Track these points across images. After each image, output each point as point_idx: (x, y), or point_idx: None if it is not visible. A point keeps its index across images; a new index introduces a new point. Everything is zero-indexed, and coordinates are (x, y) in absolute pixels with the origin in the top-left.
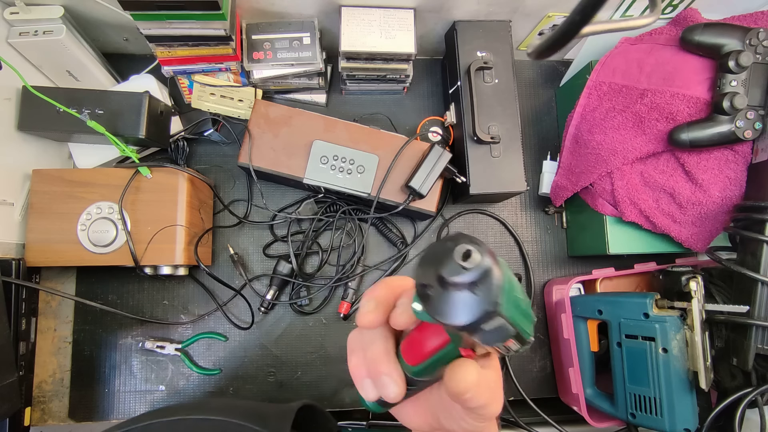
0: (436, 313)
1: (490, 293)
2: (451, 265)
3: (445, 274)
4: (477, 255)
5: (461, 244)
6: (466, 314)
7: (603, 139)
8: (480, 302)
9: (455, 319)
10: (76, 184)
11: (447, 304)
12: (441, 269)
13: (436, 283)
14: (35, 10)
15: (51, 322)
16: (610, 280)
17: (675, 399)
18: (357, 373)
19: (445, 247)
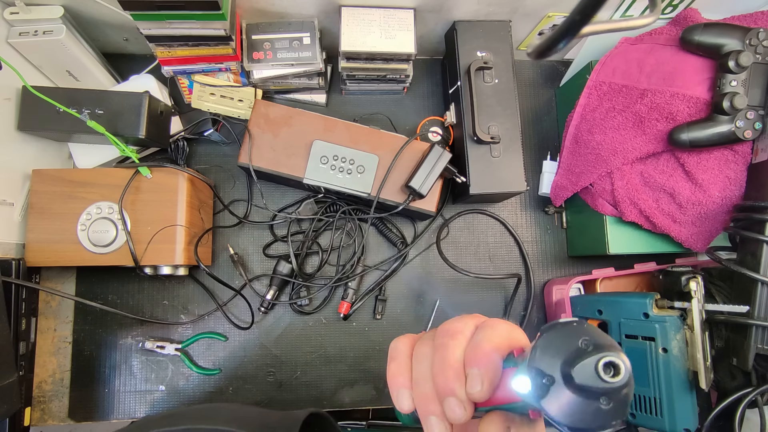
0: (552, 410)
1: (621, 410)
2: (588, 371)
3: (578, 377)
4: (624, 372)
5: (607, 355)
6: (585, 422)
7: (603, 139)
8: (606, 416)
9: (570, 422)
10: (76, 184)
11: (568, 406)
12: (572, 368)
13: (561, 378)
14: (35, 10)
15: (51, 322)
16: (610, 280)
17: (675, 399)
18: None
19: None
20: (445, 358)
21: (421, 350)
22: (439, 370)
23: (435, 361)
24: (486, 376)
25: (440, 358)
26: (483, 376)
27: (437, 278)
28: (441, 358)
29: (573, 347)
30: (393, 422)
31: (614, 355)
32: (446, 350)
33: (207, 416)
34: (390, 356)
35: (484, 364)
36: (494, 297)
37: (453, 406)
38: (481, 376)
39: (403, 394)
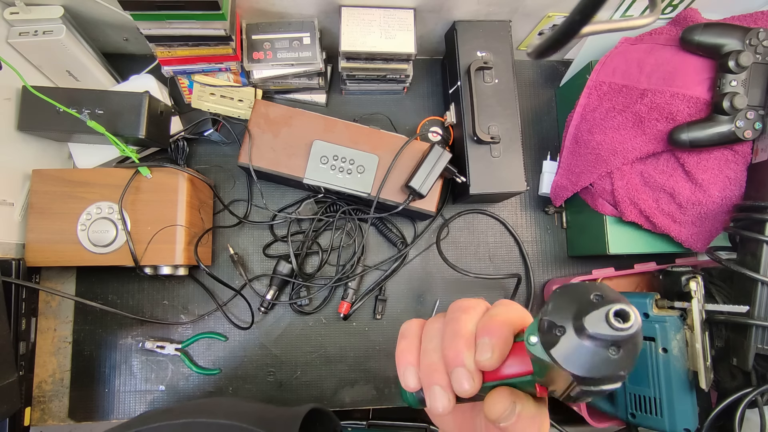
0: (562, 358)
1: (630, 360)
2: (599, 319)
3: (589, 325)
4: (633, 320)
5: (619, 304)
6: (595, 371)
7: (603, 139)
8: (616, 365)
9: (580, 371)
10: (76, 184)
11: (577, 354)
12: (584, 317)
13: (572, 328)
14: (35, 10)
15: (51, 322)
16: (610, 280)
17: (675, 399)
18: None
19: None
20: (456, 330)
21: (432, 326)
22: (450, 342)
23: (446, 333)
24: (497, 345)
25: (451, 330)
26: (494, 345)
27: (437, 278)
28: (452, 330)
29: (585, 300)
30: (393, 422)
31: (624, 305)
32: (458, 323)
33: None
34: (400, 335)
35: (495, 334)
36: (494, 297)
37: (461, 377)
38: (492, 344)
39: (410, 371)
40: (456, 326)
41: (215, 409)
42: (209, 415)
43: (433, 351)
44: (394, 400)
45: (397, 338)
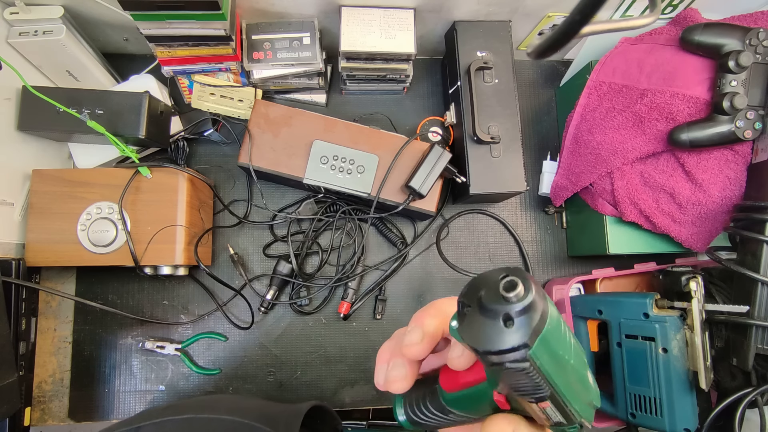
0: (464, 333)
1: (522, 331)
2: (492, 291)
3: (484, 298)
4: (521, 290)
5: (510, 276)
6: (490, 342)
7: (603, 139)
8: (507, 335)
9: (478, 343)
10: (76, 184)
11: (476, 327)
12: (482, 292)
13: (475, 304)
14: (35, 10)
15: (51, 322)
16: (610, 280)
17: (675, 399)
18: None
19: (496, 274)
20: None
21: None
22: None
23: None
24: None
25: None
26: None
27: (437, 278)
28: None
29: (492, 278)
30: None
31: (515, 276)
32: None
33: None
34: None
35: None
36: None
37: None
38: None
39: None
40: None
41: (217, 405)
42: (212, 411)
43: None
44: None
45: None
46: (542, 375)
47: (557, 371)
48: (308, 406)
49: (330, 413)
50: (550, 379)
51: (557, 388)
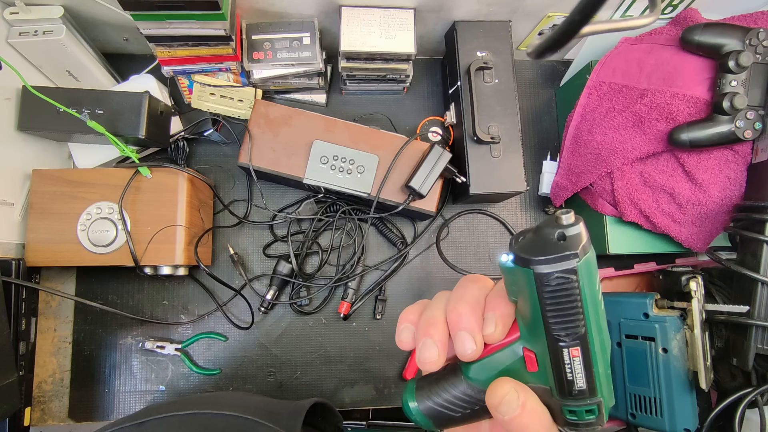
0: (520, 250)
1: (573, 245)
2: (549, 219)
3: (542, 224)
4: (573, 216)
5: (567, 208)
6: (546, 250)
7: (603, 139)
8: (561, 247)
9: (534, 253)
10: (76, 184)
11: (532, 243)
12: (539, 224)
13: (530, 231)
14: (35, 10)
15: (51, 322)
16: (610, 280)
17: (675, 399)
18: (404, 317)
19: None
20: (461, 295)
21: (439, 293)
22: (455, 305)
23: (452, 297)
24: (500, 318)
25: (457, 295)
26: (497, 318)
27: (437, 278)
28: (458, 295)
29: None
30: (393, 422)
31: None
32: (465, 289)
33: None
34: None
35: (499, 308)
36: None
37: (464, 338)
38: (495, 318)
39: (407, 329)
40: (462, 292)
41: (221, 402)
42: (215, 407)
43: (435, 309)
44: (394, 400)
45: None
46: (581, 300)
47: (593, 306)
48: (310, 402)
49: (332, 410)
50: (587, 310)
51: (590, 328)
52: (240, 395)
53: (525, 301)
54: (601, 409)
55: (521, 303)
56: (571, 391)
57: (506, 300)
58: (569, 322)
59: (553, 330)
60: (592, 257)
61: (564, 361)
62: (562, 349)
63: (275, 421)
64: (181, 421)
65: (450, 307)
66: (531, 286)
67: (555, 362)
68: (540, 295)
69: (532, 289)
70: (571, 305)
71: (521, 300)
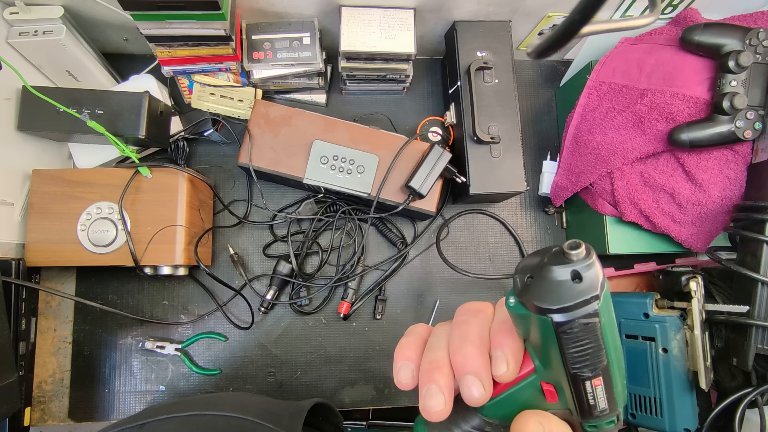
0: (533, 297)
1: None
2: (556, 255)
3: (549, 261)
4: (584, 249)
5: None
6: (563, 298)
7: (603, 139)
8: (579, 290)
9: (551, 302)
10: (76, 184)
11: (545, 289)
12: (545, 258)
13: (538, 272)
14: (35, 10)
15: (51, 322)
16: (609, 280)
17: (675, 399)
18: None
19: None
20: (465, 334)
21: (439, 328)
22: (459, 346)
23: (454, 336)
24: (511, 356)
25: (460, 333)
26: (507, 355)
27: (437, 278)
28: (461, 333)
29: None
30: (393, 422)
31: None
32: (467, 326)
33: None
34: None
35: (508, 344)
36: (494, 297)
37: (470, 383)
38: (506, 356)
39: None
40: (465, 329)
41: (222, 403)
42: (216, 408)
43: (438, 349)
44: (394, 400)
45: (397, 338)
46: (603, 337)
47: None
48: (311, 403)
49: (332, 410)
50: (608, 343)
51: (611, 357)
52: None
53: (539, 341)
54: (620, 417)
55: (534, 339)
56: (593, 413)
57: (514, 333)
58: (592, 359)
59: (574, 369)
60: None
61: (586, 390)
62: (585, 381)
63: (276, 422)
64: (182, 422)
65: (454, 348)
66: (548, 332)
67: (577, 392)
68: (560, 341)
69: (549, 334)
70: (594, 345)
71: (534, 338)
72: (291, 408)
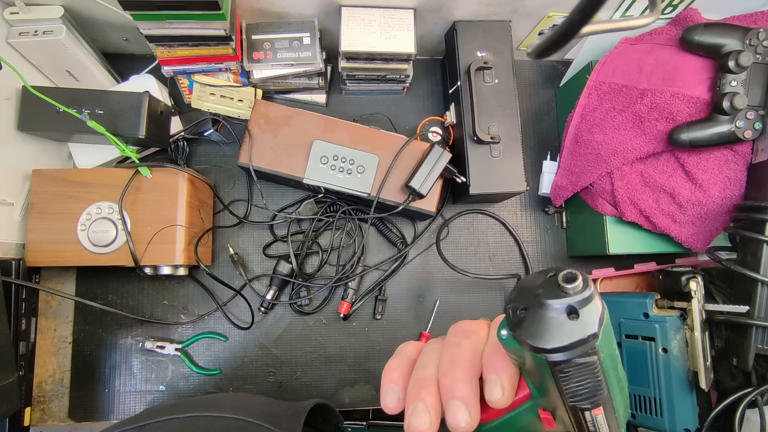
0: (527, 335)
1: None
2: (551, 287)
3: (543, 295)
4: (581, 281)
5: (566, 270)
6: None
7: (603, 139)
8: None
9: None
10: (76, 184)
11: (539, 326)
12: (539, 290)
13: (532, 304)
14: (35, 10)
15: (51, 322)
16: (610, 280)
17: (675, 399)
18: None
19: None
20: (455, 357)
21: (430, 346)
22: (448, 369)
23: (444, 358)
24: (506, 380)
25: (450, 356)
26: (502, 380)
27: (437, 278)
28: (451, 356)
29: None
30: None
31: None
32: (458, 348)
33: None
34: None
35: (502, 368)
36: (494, 297)
37: (456, 409)
38: (501, 380)
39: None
40: (455, 352)
41: (222, 404)
42: (216, 409)
43: (427, 368)
44: None
45: (397, 338)
46: (603, 372)
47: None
48: (311, 404)
49: (332, 411)
50: (608, 376)
51: (611, 388)
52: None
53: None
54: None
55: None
56: None
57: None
58: (591, 393)
59: (572, 402)
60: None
61: (586, 419)
62: (584, 411)
63: (276, 423)
64: (182, 423)
65: (443, 370)
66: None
67: (576, 422)
68: (557, 378)
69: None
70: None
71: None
72: (291, 409)
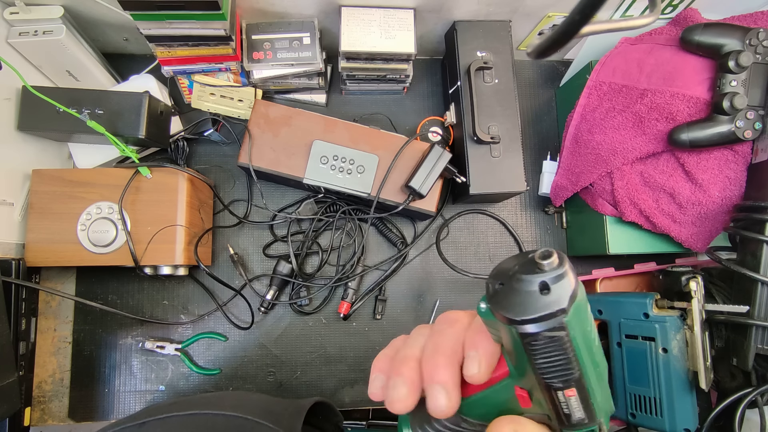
0: (499, 306)
1: (559, 297)
2: (527, 263)
3: (519, 270)
4: (556, 258)
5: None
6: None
7: (603, 139)
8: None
9: (516, 312)
10: (76, 184)
11: (512, 298)
12: (516, 266)
13: (508, 279)
14: (35, 10)
15: (51, 322)
16: (610, 280)
17: (675, 399)
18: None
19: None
20: (438, 344)
21: (417, 331)
22: (430, 355)
23: (428, 345)
24: (483, 357)
25: (434, 343)
26: (480, 357)
27: (437, 278)
28: (434, 343)
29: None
30: (393, 422)
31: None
32: (441, 335)
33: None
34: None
35: (481, 346)
36: None
37: (437, 393)
38: (479, 357)
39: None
40: (439, 339)
41: (222, 402)
42: (216, 407)
43: (410, 348)
44: None
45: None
46: (573, 350)
47: (586, 349)
48: (311, 402)
49: (332, 409)
50: (580, 356)
51: (585, 369)
52: (241, 395)
53: (511, 348)
54: (602, 428)
55: (506, 345)
56: (570, 422)
57: (487, 335)
58: (562, 370)
59: (545, 378)
60: (581, 301)
61: (560, 399)
62: (556, 391)
63: (276, 421)
64: (182, 421)
65: (426, 355)
66: (516, 341)
67: (550, 400)
68: (527, 351)
69: (517, 343)
70: (563, 357)
71: (506, 344)
72: (291, 407)
